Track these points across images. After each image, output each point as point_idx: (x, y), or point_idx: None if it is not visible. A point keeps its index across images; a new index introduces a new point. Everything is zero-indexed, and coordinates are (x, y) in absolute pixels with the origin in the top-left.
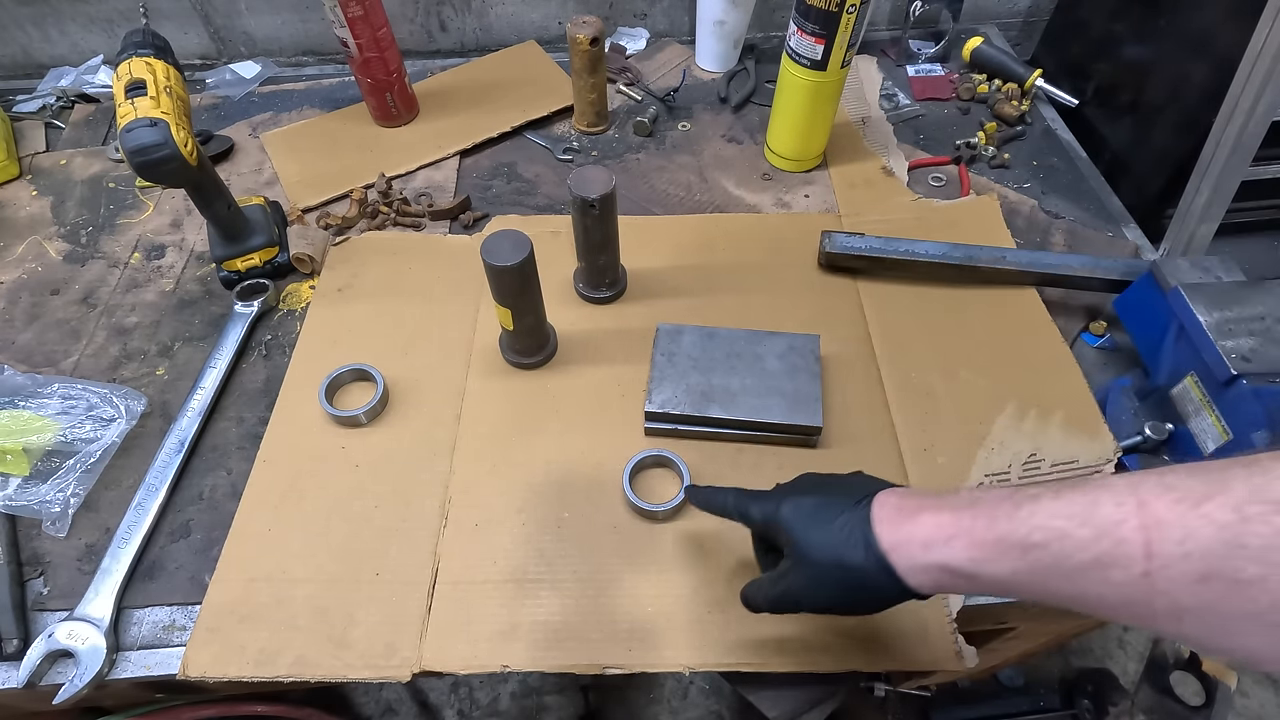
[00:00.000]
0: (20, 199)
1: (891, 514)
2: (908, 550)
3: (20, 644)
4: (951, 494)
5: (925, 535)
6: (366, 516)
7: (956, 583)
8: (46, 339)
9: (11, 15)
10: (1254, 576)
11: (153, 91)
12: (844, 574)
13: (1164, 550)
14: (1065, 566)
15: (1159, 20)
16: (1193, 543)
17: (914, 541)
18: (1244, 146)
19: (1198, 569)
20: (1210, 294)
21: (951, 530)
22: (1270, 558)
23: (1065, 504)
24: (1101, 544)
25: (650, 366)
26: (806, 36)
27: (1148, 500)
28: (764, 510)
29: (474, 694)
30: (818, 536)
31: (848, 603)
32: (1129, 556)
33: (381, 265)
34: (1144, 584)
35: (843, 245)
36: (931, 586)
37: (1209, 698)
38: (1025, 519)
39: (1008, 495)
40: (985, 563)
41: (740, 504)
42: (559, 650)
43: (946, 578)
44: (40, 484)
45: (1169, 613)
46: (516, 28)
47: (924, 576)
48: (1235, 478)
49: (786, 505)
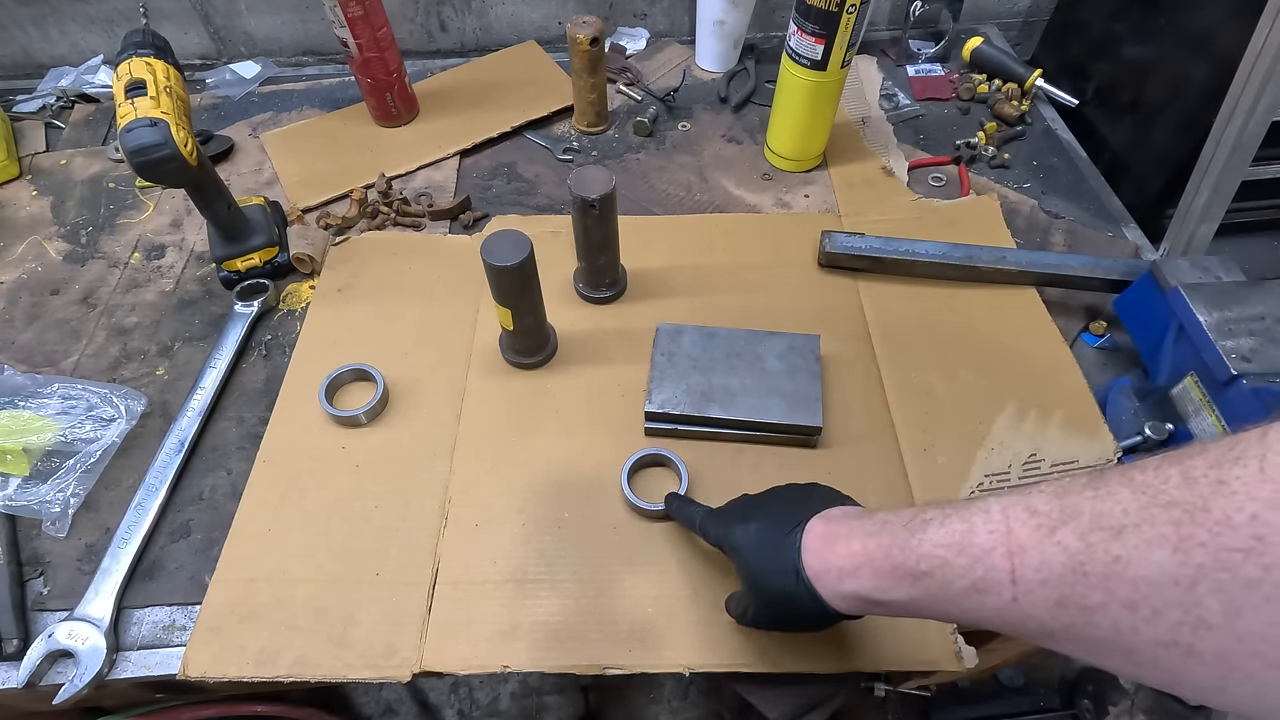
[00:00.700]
0: (20, 199)
1: (815, 543)
2: (827, 579)
3: (20, 644)
4: (868, 518)
5: (839, 564)
6: (366, 516)
7: (871, 607)
8: (46, 339)
9: (11, 15)
10: (1096, 603)
11: (153, 91)
12: (785, 600)
13: (1025, 576)
14: (949, 593)
15: (1159, 20)
16: (1047, 570)
17: (831, 571)
18: (1244, 146)
19: (1054, 595)
20: (1210, 294)
21: (860, 560)
22: (1107, 585)
23: (946, 533)
24: (976, 571)
25: (650, 366)
26: (806, 36)
27: (1014, 528)
28: (718, 534)
29: (474, 694)
30: (761, 566)
31: (796, 625)
32: (999, 583)
33: (381, 265)
34: (1014, 608)
35: (843, 245)
36: (853, 610)
37: None
38: (914, 548)
39: (909, 520)
40: (887, 590)
41: (704, 523)
42: (559, 650)
43: (860, 604)
44: (40, 484)
45: (1041, 633)
46: (516, 28)
47: (844, 603)
48: (1085, 501)
49: (736, 532)
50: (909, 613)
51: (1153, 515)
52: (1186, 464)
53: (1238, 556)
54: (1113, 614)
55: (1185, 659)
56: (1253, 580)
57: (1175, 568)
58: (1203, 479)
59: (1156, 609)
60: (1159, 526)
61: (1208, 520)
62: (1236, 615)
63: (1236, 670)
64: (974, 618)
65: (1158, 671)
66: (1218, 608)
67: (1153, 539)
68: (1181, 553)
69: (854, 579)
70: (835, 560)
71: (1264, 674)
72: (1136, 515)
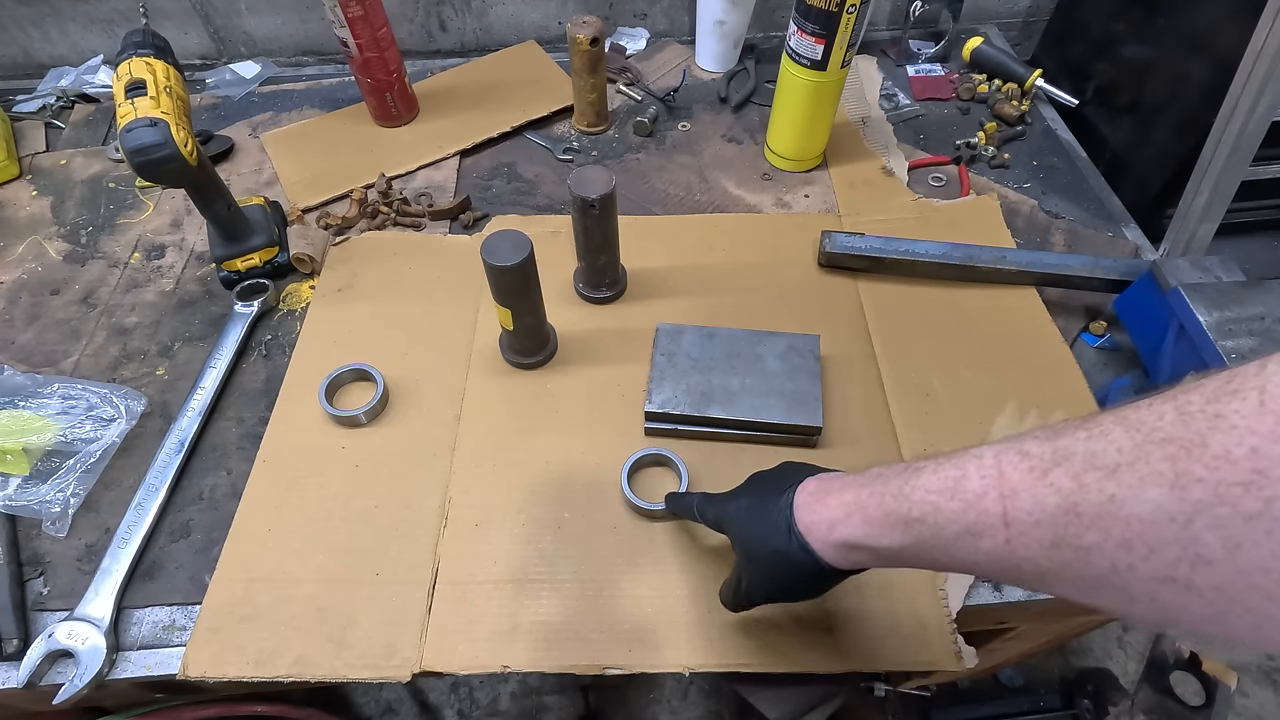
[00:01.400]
0: (20, 199)
1: (807, 499)
2: (818, 531)
3: (20, 644)
4: (861, 473)
5: (830, 515)
6: (366, 516)
7: (861, 557)
8: (46, 339)
9: (11, 15)
10: (1091, 543)
11: (153, 91)
12: (777, 560)
13: (1018, 519)
14: (942, 538)
15: (1159, 20)
16: (1040, 512)
17: (822, 522)
18: (1244, 146)
19: (1048, 537)
20: (1210, 294)
21: (851, 508)
22: (1102, 524)
23: (939, 479)
24: (969, 516)
25: (650, 366)
26: (806, 36)
27: (1006, 471)
28: (716, 513)
29: (474, 694)
30: (754, 531)
31: (787, 587)
32: (992, 526)
33: (381, 265)
34: (1008, 550)
35: (843, 245)
36: (844, 562)
37: (1209, 698)
38: (907, 495)
39: (902, 470)
40: (879, 537)
41: (701, 507)
42: (559, 650)
43: (852, 553)
44: (40, 484)
45: (1036, 575)
46: (516, 28)
47: (835, 554)
48: (1077, 443)
49: (731, 506)
50: (902, 561)
51: (1147, 453)
52: (1181, 400)
53: (1237, 491)
54: (1108, 553)
55: (1183, 595)
56: (1253, 514)
57: (1172, 505)
58: (1199, 414)
59: (1153, 546)
60: (1154, 464)
61: (1205, 455)
62: (1237, 550)
63: (1236, 604)
64: (967, 563)
65: (1154, 609)
66: (1216, 543)
67: (1147, 476)
68: (1178, 489)
69: (845, 526)
70: (826, 512)
71: (1264, 606)
72: (1131, 454)
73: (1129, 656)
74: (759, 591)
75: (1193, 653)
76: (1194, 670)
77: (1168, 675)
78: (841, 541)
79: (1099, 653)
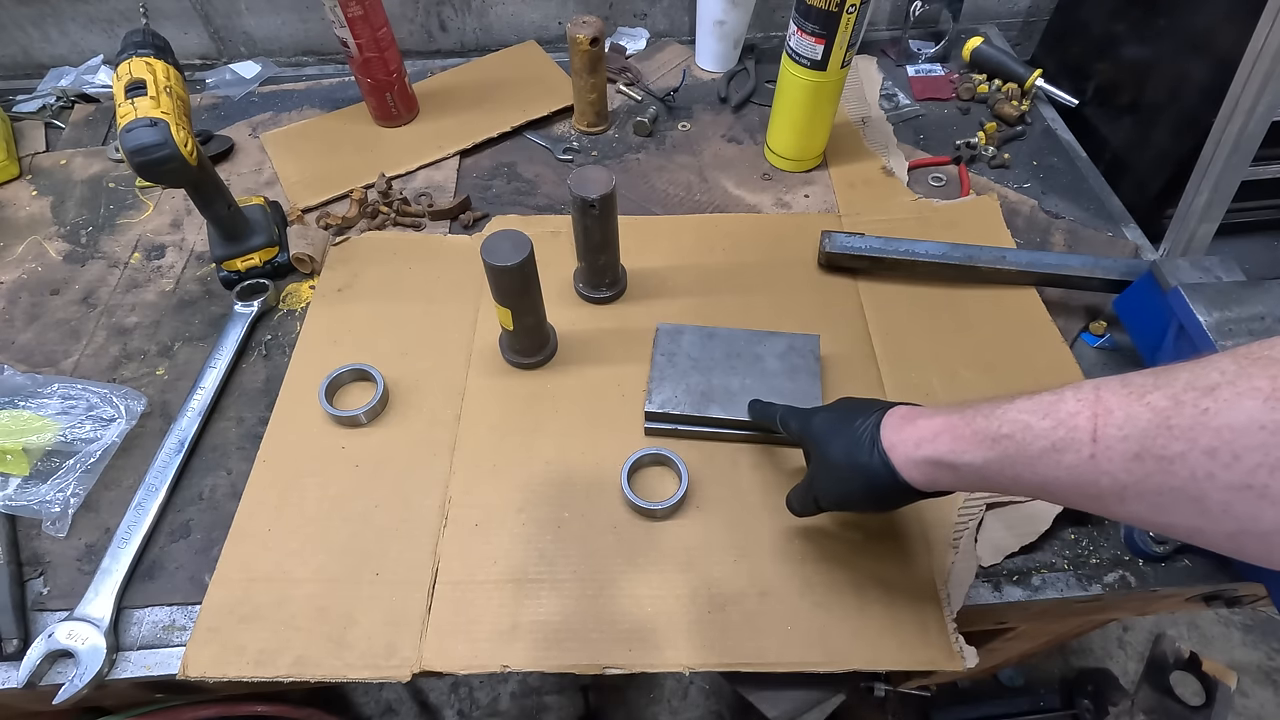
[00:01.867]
0: (20, 199)
1: (897, 421)
2: (903, 449)
3: (20, 644)
4: (951, 405)
5: (918, 435)
6: (366, 516)
7: (942, 473)
8: (46, 339)
9: (11, 15)
10: (1176, 453)
11: (153, 91)
12: (855, 471)
13: (1107, 434)
14: (1027, 453)
15: (1159, 20)
16: (1131, 426)
17: (909, 441)
18: (1244, 146)
19: (1133, 449)
20: (1210, 294)
21: (940, 429)
22: (1191, 435)
23: (1035, 402)
24: (1058, 432)
25: (650, 366)
26: (806, 36)
27: (1104, 395)
28: (800, 424)
29: (474, 694)
30: (837, 441)
31: (859, 498)
32: (1079, 441)
33: (381, 265)
34: (1090, 465)
35: (843, 245)
36: (923, 480)
37: (1209, 698)
38: (999, 415)
39: (993, 400)
40: (963, 453)
41: (785, 417)
42: (559, 650)
43: (933, 469)
44: (40, 484)
45: (1113, 491)
46: (516, 28)
47: (916, 470)
48: (1183, 371)
49: (817, 418)
50: (982, 479)
51: (1250, 373)
52: None
53: None
54: (1191, 462)
55: (1257, 503)
56: None
57: (1264, 415)
58: None
59: (1237, 453)
60: (1254, 381)
61: None
62: None
63: None
64: (1046, 480)
65: (1226, 519)
66: None
67: (1245, 392)
68: (1273, 400)
69: (931, 445)
70: (914, 432)
71: None
72: (1233, 374)
73: (1129, 656)
74: (831, 497)
75: (1193, 653)
76: (1194, 670)
77: (1168, 675)
78: (926, 458)
79: (1099, 653)
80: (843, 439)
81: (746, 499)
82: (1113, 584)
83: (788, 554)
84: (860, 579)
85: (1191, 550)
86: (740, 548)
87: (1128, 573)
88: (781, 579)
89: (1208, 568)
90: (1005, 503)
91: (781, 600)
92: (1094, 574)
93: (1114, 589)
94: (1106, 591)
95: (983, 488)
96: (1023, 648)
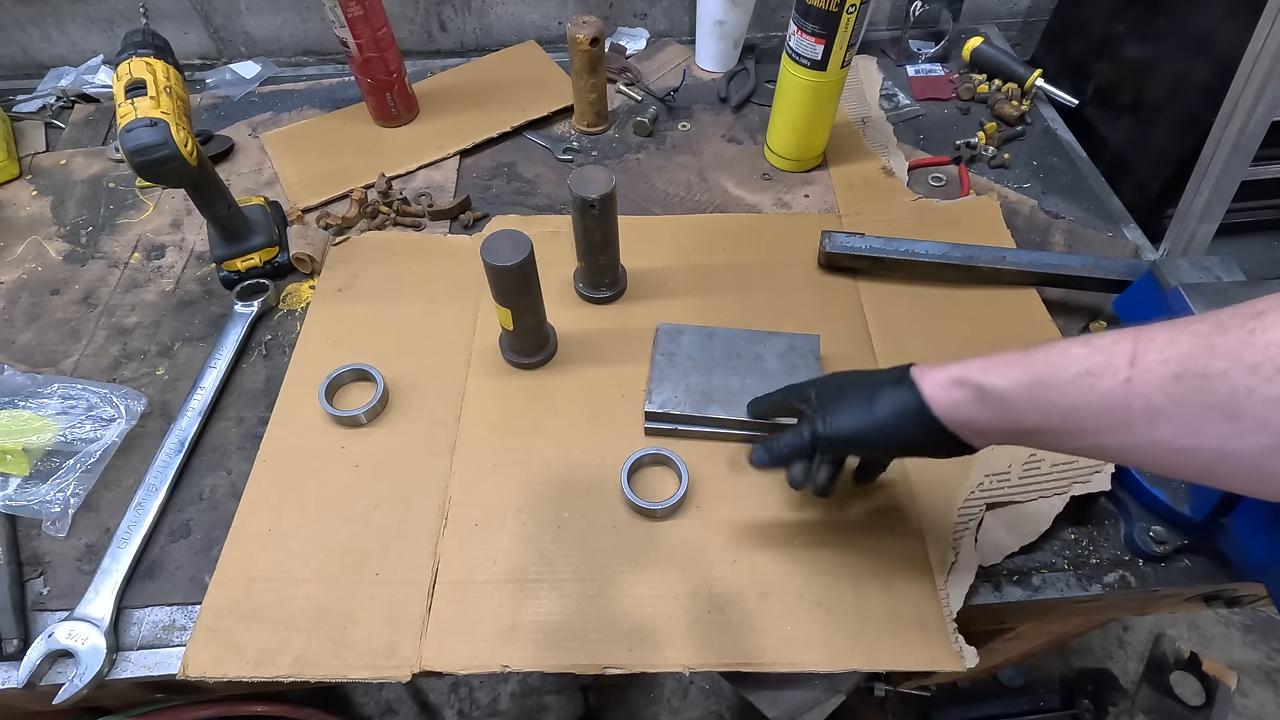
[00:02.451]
0: (20, 199)
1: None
2: (931, 375)
3: (20, 644)
4: None
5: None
6: (366, 516)
7: (966, 396)
8: (46, 339)
9: (11, 15)
10: (1218, 370)
11: (153, 91)
12: (874, 389)
13: (1146, 358)
14: (1058, 377)
15: (1159, 20)
16: (1172, 349)
17: (938, 370)
18: (1244, 146)
19: (1173, 370)
20: (1210, 294)
21: (970, 358)
22: (1235, 353)
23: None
24: (1095, 357)
25: (650, 366)
26: (806, 36)
27: (1146, 329)
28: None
29: (474, 694)
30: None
31: (873, 420)
32: (1115, 366)
33: (381, 265)
34: (1125, 388)
35: (843, 245)
36: (946, 404)
37: (1209, 698)
38: (1034, 346)
39: None
40: (991, 371)
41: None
42: (559, 650)
43: (958, 391)
44: (40, 484)
45: (1144, 413)
46: (516, 28)
47: (940, 391)
48: (1228, 307)
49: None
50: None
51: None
52: None
53: None
54: (1232, 379)
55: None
56: None
57: None
58: None
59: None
60: None
61: None
62: None
63: None
64: (1077, 404)
65: (1262, 434)
66: None
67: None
68: None
69: (960, 367)
70: (943, 363)
71: None
72: (1277, 302)
73: (1129, 656)
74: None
75: (1193, 653)
76: (1194, 670)
77: (1168, 675)
78: (951, 378)
79: (1099, 653)
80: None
81: (746, 499)
82: (1113, 584)
83: (788, 554)
84: (860, 579)
85: (1191, 550)
86: (740, 548)
87: (1128, 573)
88: (781, 579)
89: (1208, 568)
90: (1005, 503)
91: (781, 600)
92: (1094, 574)
93: (1114, 589)
94: (1106, 591)
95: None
96: (1023, 648)
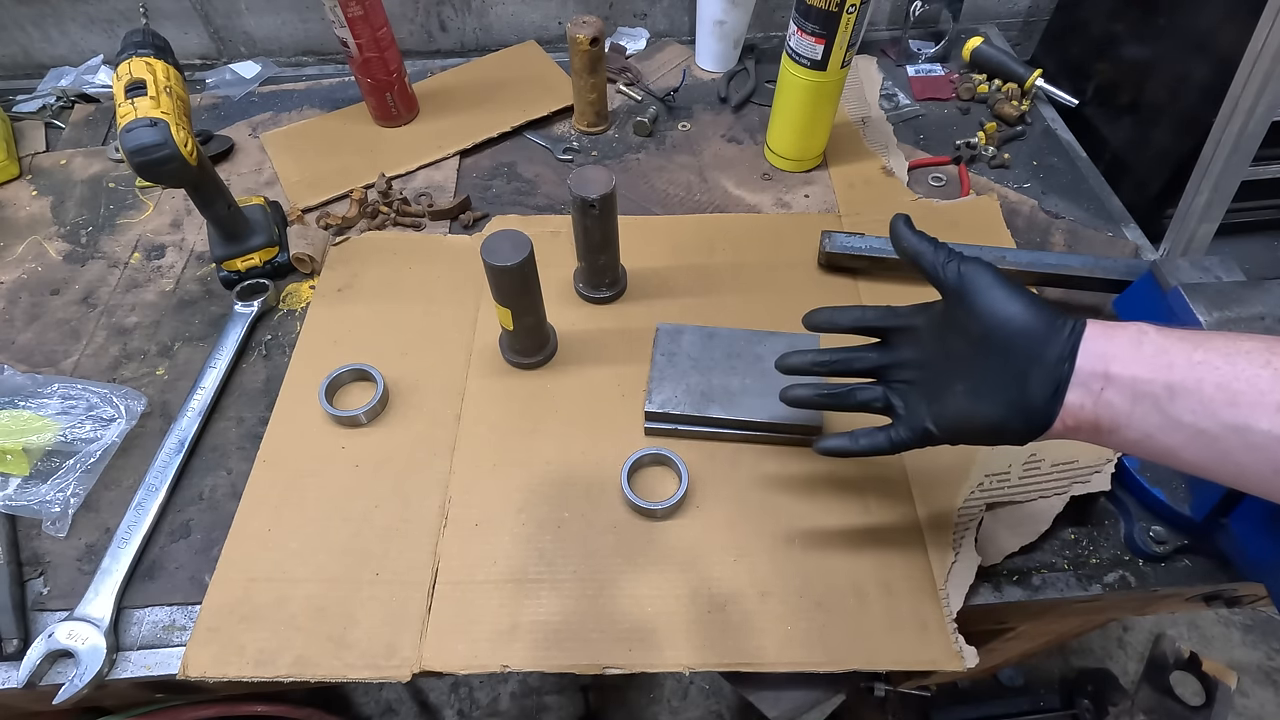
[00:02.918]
0: (20, 199)
1: (1098, 330)
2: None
3: (20, 644)
4: None
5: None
6: (366, 516)
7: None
8: (46, 339)
9: (11, 15)
10: None
11: (153, 91)
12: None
13: None
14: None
15: (1159, 20)
16: None
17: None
18: (1244, 146)
19: None
20: (1210, 294)
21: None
22: None
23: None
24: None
25: (650, 366)
26: (806, 36)
27: None
28: (971, 266)
29: (474, 694)
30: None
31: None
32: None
33: (381, 265)
34: None
35: (843, 245)
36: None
37: (1209, 698)
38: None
39: None
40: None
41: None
42: (559, 650)
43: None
44: (40, 484)
45: None
46: (516, 28)
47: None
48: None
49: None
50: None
51: None
52: None
53: None
54: None
55: None
56: None
57: None
58: None
59: None
60: None
61: None
62: None
63: None
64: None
65: None
66: None
67: None
68: None
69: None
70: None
71: None
72: None
73: (1129, 656)
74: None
75: (1193, 653)
76: (1194, 670)
77: (1168, 675)
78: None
79: (1099, 653)
80: (1005, 330)
81: (746, 499)
82: (1113, 584)
83: (788, 554)
84: (860, 579)
85: (1191, 550)
86: (740, 548)
87: (1128, 573)
88: (781, 579)
89: (1208, 568)
90: (1005, 502)
91: (781, 600)
92: (1094, 574)
93: (1114, 589)
94: (1106, 591)
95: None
96: (1023, 648)
